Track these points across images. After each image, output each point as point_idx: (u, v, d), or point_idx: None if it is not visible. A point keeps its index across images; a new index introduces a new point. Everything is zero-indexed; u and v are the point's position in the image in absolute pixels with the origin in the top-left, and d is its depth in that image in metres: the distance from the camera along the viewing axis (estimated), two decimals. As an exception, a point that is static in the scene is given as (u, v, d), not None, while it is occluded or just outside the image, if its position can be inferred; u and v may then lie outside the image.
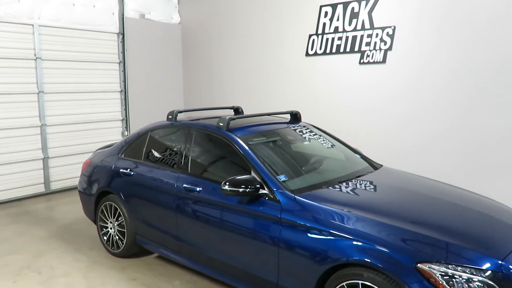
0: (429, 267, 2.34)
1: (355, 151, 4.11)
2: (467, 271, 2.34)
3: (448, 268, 2.34)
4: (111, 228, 4.33)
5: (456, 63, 5.47)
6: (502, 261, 2.41)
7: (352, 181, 3.34)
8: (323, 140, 4.07)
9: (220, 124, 3.60)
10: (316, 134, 4.11)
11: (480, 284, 2.32)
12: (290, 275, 2.87)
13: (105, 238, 4.41)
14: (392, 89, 6.04)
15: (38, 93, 6.59)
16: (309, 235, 2.76)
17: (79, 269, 4.06)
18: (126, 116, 7.85)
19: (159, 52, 8.42)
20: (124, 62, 7.73)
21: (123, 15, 7.64)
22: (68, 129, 7.04)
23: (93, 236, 4.81)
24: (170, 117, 4.15)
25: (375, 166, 3.86)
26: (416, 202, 3.12)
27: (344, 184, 3.27)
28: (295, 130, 4.04)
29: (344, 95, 6.52)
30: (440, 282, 2.31)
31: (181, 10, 8.78)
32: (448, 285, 2.30)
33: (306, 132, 4.07)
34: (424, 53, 5.71)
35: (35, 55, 6.51)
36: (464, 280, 2.32)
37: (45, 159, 6.79)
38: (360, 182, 3.36)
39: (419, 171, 4.19)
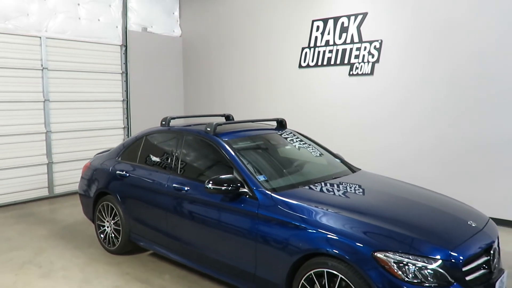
0: (385, 256, 2.61)
1: (336, 156, 4.39)
2: (419, 260, 2.60)
3: (402, 257, 2.60)
4: (107, 227, 4.62)
5: (438, 75, 5.77)
6: (452, 252, 2.66)
7: (327, 182, 3.62)
8: (306, 145, 4.36)
9: (208, 129, 3.91)
10: (299, 140, 4.41)
11: (431, 272, 2.58)
12: (266, 266, 3.14)
13: (102, 236, 4.70)
14: (379, 100, 6.34)
15: (44, 102, 6.96)
16: (281, 228, 3.04)
17: (77, 264, 4.35)
18: (127, 124, 8.19)
19: (160, 63, 8.80)
20: (127, 73, 8.10)
21: (126, 28, 8.04)
22: (71, 136, 7.39)
23: (91, 235, 5.10)
24: (163, 123, 4.47)
25: (353, 169, 4.14)
26: (382, 200, 3.39)
27: (319, 184, 3.55)
28: (279, 135, 4.34)
29: (335, 105, 6.82)
30: (394, 269, 2.57)
31: (182, 24, 9.19)
32: (402, 272, 2.56)
33: (290, 138, 4.37)
34: (408, 65, 6.02)
35: (42, 65, 6.89)
36: (416, 268, 2.58)
37: (50, 164, 7.13)
38: (334, 182, 3.64)
39: (402, 177, 4.44)
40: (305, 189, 3.41)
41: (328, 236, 2.81)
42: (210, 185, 3.32)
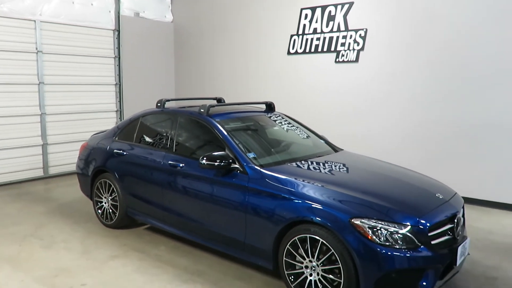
0: (360, 222, 2.94)
1: (320, 137, 4.70)
2: (391, 226, 2.93)
3: (376, 223, 2.93)
4: (105, 203, 4.89)
5: (419, 63, 6.11)
6: (419, 219, 3.01)
7: (311, 160, 3.94)
8: (293, 127, 4.66)
9: (202, 110, 4.18)
10: (286, 122, 4.71)
11: (401, 236, 2.92)
12: (254, 234, 3.46)
13: (99, 211, 4.97)
14: (363, 86, 6.66)
15: (38, 84, 7.13)
16: (269, 200, 3.35)
17: (77, 237, 4.62)
18: (120, 108, 8.40)
19: (152, 48, 8.98)
20: (119, 57, 8.28)
21: (119, 13, 8.19)
22: (66, 118, 7.58)
23: (89, 212, 5.36)
24: (159, 104, 4.72)
25: (336, 149, 4.47)
26: (360, 175, 3.73)
27: (304, 161, 3.86)
28: (268, 117, 4.63)
29: (322, 90, 7.13)
30: (369, 234, 2.91)
31: (173, 9, 9.35)
32: (375, 236, 2.90)
33: (278, 120, 4.67)
34: (391, 53, 6.34)
35: (36, 48, 7.04)
36: (388, 233, 2.92)
37: (44, 146, 7.33)
38: (318, 160, 3.96)
39: (387, 160, 4.76)
40: (291, 165, 3.72)
41: (311, 205, 3.13)
42: (204, 161, 3.61)
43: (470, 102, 5.71)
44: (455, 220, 3.24)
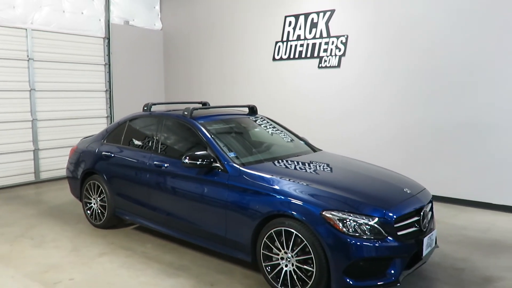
0: (330, 214, 3.15)
1: (301, 138, 4.92)
2: (359, 218, 3.15)
3: (345, 215, 3.15)
4: (94, 204, 5.06)
5: (398, 68, 6.37)
6: (386, 211, 3.22)
7: (290, 159, 4.15)
8: (274, 129, 4.88)
9: (185, 113, 4.39)
10: (268, 124, 4.93)
11: (368, 227, 3.14)
12: (234, 229, 3.65)
13: (89, 212, 5.14)
14: (345, 90, 6.92)
15: (30, 91, 7.30)
16: (247, 196, 3.56)
17: (67, 237, 4.79)
18: (111, 114, 8.58)
19: (142, 55, 9.19)
20: (110, 64, 8.48)
21: (109, 21, 8.40)
22: (57, 124, 7.75)
23: (78, 214, 5.53)
24: (145, 108, 4.93)
25: (314, 150, 4.69)
26: (333, 172, 3.96)
27: (282, 160, 4.07)
28: (250, 119, 4.86)
29: (306, 95, 7.37)
30: (339, 226, 3.12)
31: (162, 17, 9.59)
32: (344, 227, 3.11)
33: (260, 122, 4.89)
34: (371, 58, 6.60)
35: (27, 56, 7.23)
36: (356, 224, 3.13)
37: (36, 151, 7.48)
38: (296, 159, 4.17)
39: (366, 159, 4.99)
40: (269, 164, 3.93)
41: (286, 200, 3.34)
42: (186, 160, 3.81)
43: (447, 104, 5.97)
44: (422, 213, 3.46)
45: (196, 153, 3.86)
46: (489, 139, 5.70)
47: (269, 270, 3.43)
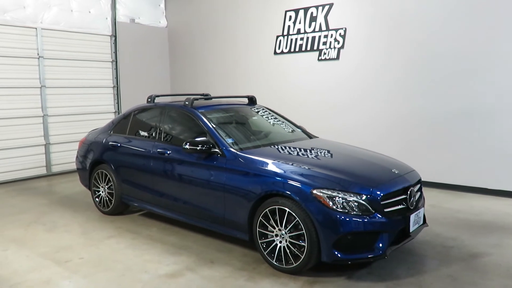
0: (320, 192, 3.36)
1: (298, 126, 5.13)
2: (347, 195, 3.35)
3: (334, 193, 3.35)
4: (102, 192, 5.32)
5: (395, 60, 6.53)
6: (373, 189, 3.42)
7: (285, 144, 4.36)
8: (272, 117, 5.09)
9: (186, 103, 4.63)
10: (266, 112, 5.14)
11: (356, 203, 3.34)
12: (232, 210, 3.88)
13: (97, 200, 5.40)
14: (344, 82, 7.09)
15: (40, 87, 7.60)
16: (244, 178, 3.78)
17: (77, 222, 5.06)
18: (118, 109, 8.86)
19: (148, 52, 9.46)
20: (116, 61, 8.75)
21: (115, 19, 8.68)
22: (67, 120, 8.05)
23: (88, 202, 5.80)
24: (149, 100, 5.17)
25: (310, 136, 4.89)
26: (325, 155, 4.16)
27: (277, 145, 4.29)
28: (249, 109, 5.07)
29: (306, 86, 7.56)
30: (328, 203, 3.32)
31: (167, 15, 9.84)
32: (333, 204, 3.32)
33: (258, 111, 5.10)
34: (369, 50, 6.77)
35: (38, 54, 7.53)
36: (344, 201, 3.33)
37: (47, 145, 7.79)
38: (292, 145, 4.38)
39: (362, 147, 5.15)
40: (265, 148, 4.15)
41: (279, 180, 3.55)
42: (187, 146, 4.05)
43: (443, 94, 6.12)
44: (409, 192, 3.65)
45: (196, 139, 4.09)
46: (483, 127, 5.84)
47: (264, 246, 3.65)
